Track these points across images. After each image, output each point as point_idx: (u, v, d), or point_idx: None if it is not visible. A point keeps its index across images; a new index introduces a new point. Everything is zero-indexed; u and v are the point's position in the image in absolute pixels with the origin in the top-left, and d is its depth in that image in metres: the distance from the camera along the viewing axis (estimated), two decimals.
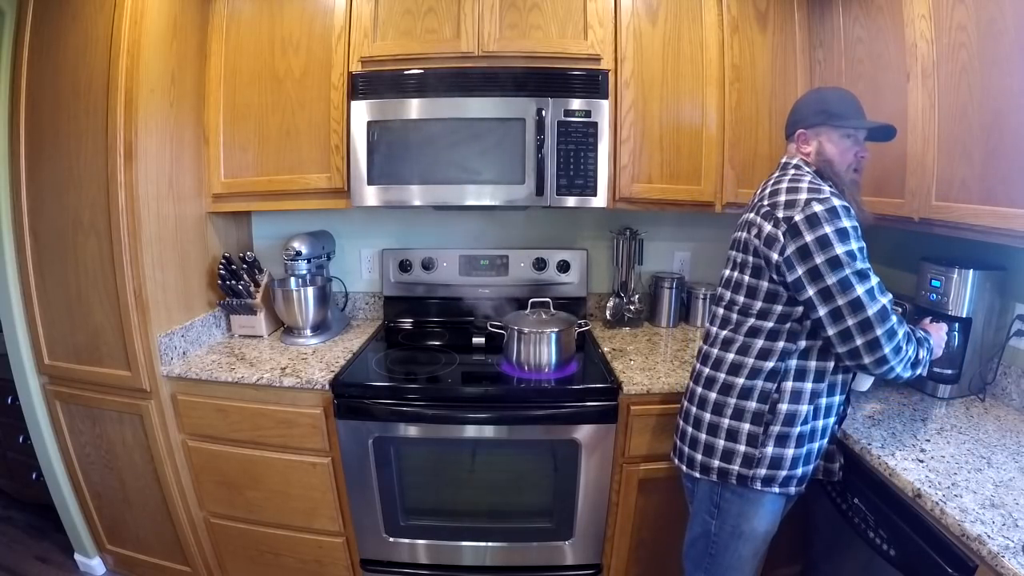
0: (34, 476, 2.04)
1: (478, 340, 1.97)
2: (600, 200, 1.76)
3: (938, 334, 1.28)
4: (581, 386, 1.62)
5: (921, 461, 1.14)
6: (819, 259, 1.05)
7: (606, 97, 1.72)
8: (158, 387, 1.66)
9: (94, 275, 1.63)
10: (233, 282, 1.90)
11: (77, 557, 2.02)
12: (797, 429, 1.16)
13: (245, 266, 1.96)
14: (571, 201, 1.76)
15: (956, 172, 1.25)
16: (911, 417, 1.36)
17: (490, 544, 1.71)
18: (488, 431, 1.60)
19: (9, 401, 2.01)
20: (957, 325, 1.45)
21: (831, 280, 1.05)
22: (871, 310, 1.05)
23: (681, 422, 1.32)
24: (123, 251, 1.57)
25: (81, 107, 1.55)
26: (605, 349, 1.88)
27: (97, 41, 1.52)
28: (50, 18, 1.57)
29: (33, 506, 2.31)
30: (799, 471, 1.19)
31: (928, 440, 1.23)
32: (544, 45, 1.74)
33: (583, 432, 1.58)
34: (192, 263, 1.85)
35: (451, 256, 2.14)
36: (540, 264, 2.13)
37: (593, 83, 1.72)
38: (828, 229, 1.05)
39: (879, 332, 1.05)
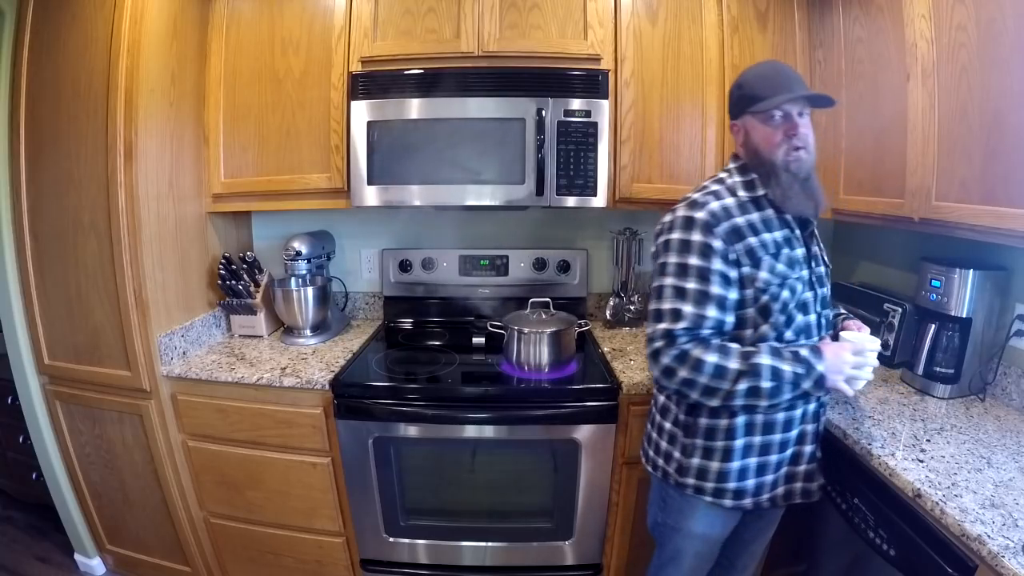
0: (34, 476, 2.04)
1: (478, 340, 1.96)
2: (600, 200, 1.76)
3: (837, 354, 1.06)
4: (581, 386, 1.62)
5: (921, 461, 1.14)
6: (657, 261, 1.14)
7: (606, 97, 1.72)
8: (158, 387, 1.66)
9: (94, 275, 1.63)
10: (233, 282, 1.90)
11: (77, 557, 2.02)
12: (720, 443, 1.16)
13: (245, 266, 1.96)
14: (571, 201, 1.76)
15: (956, 172, 1.25)
16: (911, 417, 1.36)
17: (490, 544, 1.71)
18: (488, 431, 1.60)
19: (9, 401, 2.01)
20: (957, 325, 1.45)
21: (655, 282, 1.13)
22: (664, 304, 1.09)
23: (647, 422, 1.37)
24: (123, 251, 1.57)
25: (81, 107, 1.55)
26: (605, 349, 1.88)
27: (97, 41, 1.52)
28: (50, 18, 1.57)
29: (33, 506, 2.31)
30: (731, 485, 1.18)
31: (928, 440, 1.23)
32: (544, 45, 1.74)
33: (583, 432, 1.58)
34: (192, 263, 1.85)
35: (451, 256, 2.13)
36: (540, 264, 2.13)
37: (593, 83, 1.72)
38: (660, 240, 1.14)
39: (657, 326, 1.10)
